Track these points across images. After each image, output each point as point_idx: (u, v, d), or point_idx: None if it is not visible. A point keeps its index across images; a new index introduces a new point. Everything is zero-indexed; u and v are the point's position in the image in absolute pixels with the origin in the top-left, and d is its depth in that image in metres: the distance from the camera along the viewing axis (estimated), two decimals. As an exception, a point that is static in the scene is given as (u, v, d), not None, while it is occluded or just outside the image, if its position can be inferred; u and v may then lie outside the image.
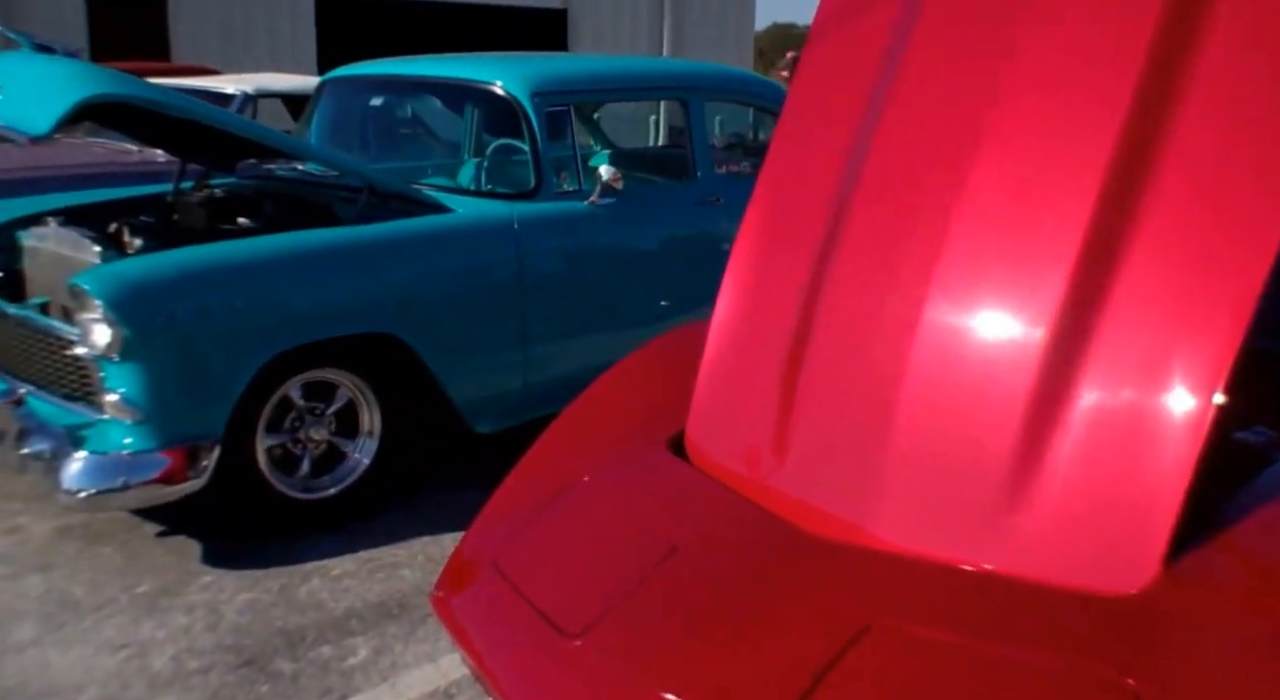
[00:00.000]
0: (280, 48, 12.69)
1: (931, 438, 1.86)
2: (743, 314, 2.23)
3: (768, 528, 1.88)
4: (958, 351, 1.88)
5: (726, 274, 2.30)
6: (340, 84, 4.62)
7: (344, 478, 3.44)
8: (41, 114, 2.99)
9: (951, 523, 1.80)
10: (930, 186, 2.01)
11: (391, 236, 3.46)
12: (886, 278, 1.99)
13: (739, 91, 4.78)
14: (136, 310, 2.89)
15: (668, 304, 4.21)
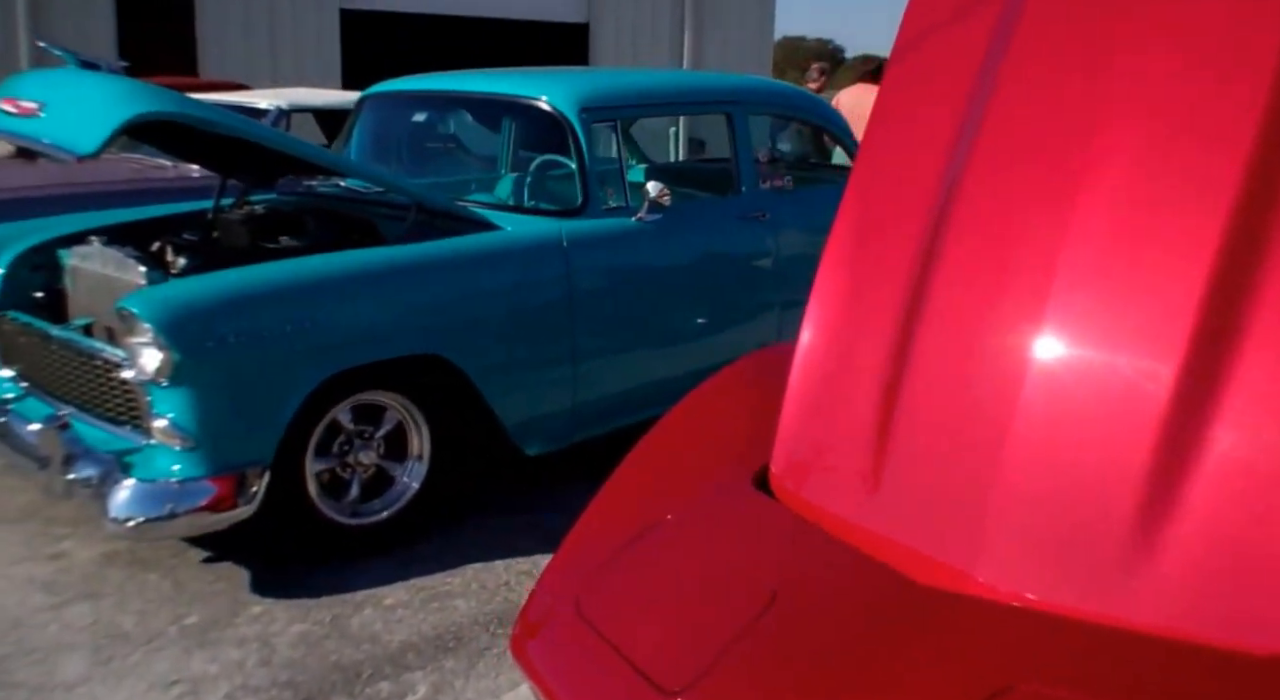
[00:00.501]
0: (305, 62, 12.61)
1: (1046, 479, 1.73)
2: (831, 342, 2.10)
3: (874, 575, 1.74)
4: (1074, 387, 1.74)
5: (812, 299, 2.16)
6: (381, 99, 4.51)
7: (393, 502, 3.32)
8: (88, 133, 2.88)
9: (1075, 572, 1.66)
10: (1035, 210, 1.88)
11: (441, 256, 3.34)
12: (990, 309, 1.86)
13: (781, 105, 4.66)
14: (186, 334, 2.78)
15: (704, 321, 4.08)
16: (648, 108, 4.21)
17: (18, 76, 3.33)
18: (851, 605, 1.71)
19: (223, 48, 12.36)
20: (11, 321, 3.52)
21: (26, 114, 3.07)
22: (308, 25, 12.80)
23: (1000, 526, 1.73)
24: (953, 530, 1.77)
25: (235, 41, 12.37)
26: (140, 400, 2.98)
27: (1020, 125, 1.96)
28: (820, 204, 4.58)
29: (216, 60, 12.37)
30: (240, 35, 12.41)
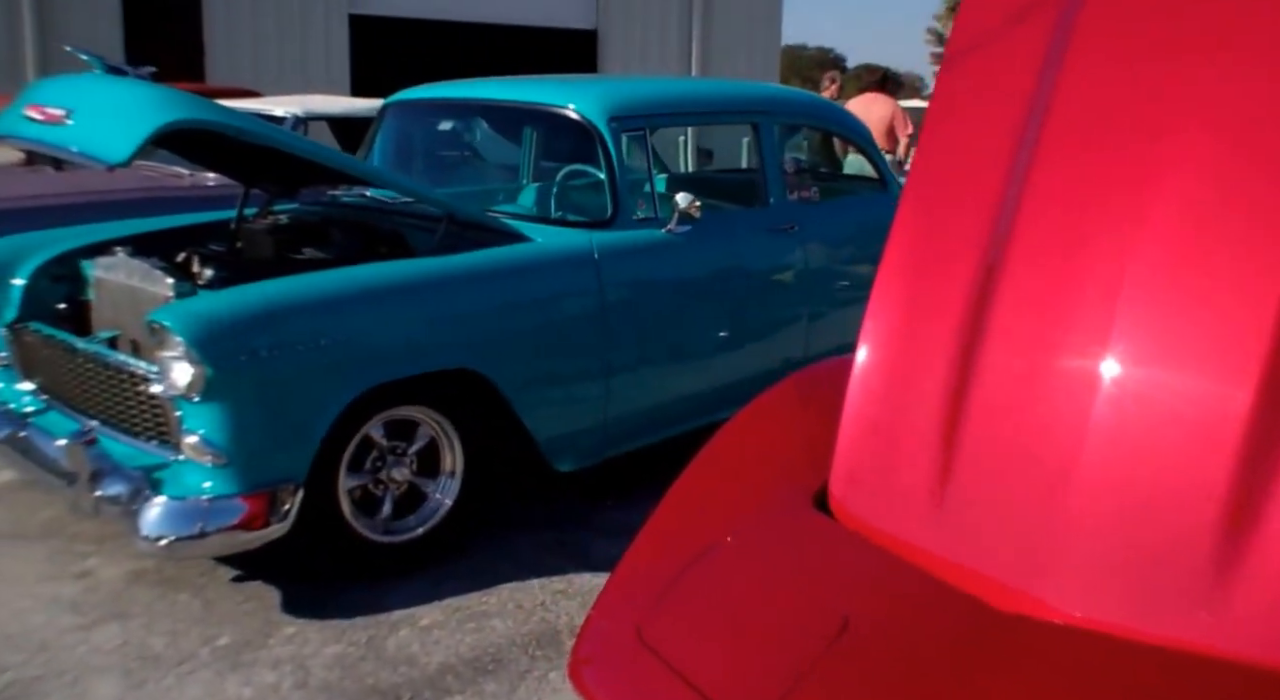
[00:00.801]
0: (314, 68, 12.60)
1: (1121, 501, 1.68)
2: (889, 359, 2.06)
3: (946, 600, 1.70)
4: (1147, 408, 1.70)
5: (869, 313, 2.12)
6: (404, 107, 4.48)
7: (426, 519, 3.28)
8: (119, 141, 2.84)
9: (1154, 596, 1.62)
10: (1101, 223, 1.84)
11: (475, 268, 3.30)
12: (1057, 326, 1.82)
13: (808, 114, 4.63)
14: (219, 348, 2.73)
15: (735, 334, 4.04)
16: (677, 117, 4.18)
17: (42, 82, 3.29)
18: (927, 632, 1.67)
19: (230, 53, 12.35)
20: (33, 333, 3.48)
21: (53, 121, 3.04)
22: (316, 31, 12.79)
23: (1073, 550, 1.69)
24: (1023, 554, 1.73)
25: (243, 47, 12.36)
26: (169, 415, 2.94)
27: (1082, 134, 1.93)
28: (847, 215, 4.57)
29: (224, 66, 12.36)
30: (248, 41, 12.40)
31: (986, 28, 2.13)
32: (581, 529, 3.61)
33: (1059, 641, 1.60)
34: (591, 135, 3.73)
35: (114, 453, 3.02)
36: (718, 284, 3.96)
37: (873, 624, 1.68)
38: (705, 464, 2.22)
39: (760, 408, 2.35)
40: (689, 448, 3.98)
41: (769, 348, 4.20)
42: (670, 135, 9.48)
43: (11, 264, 3.63)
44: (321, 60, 12.81)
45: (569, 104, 3.78)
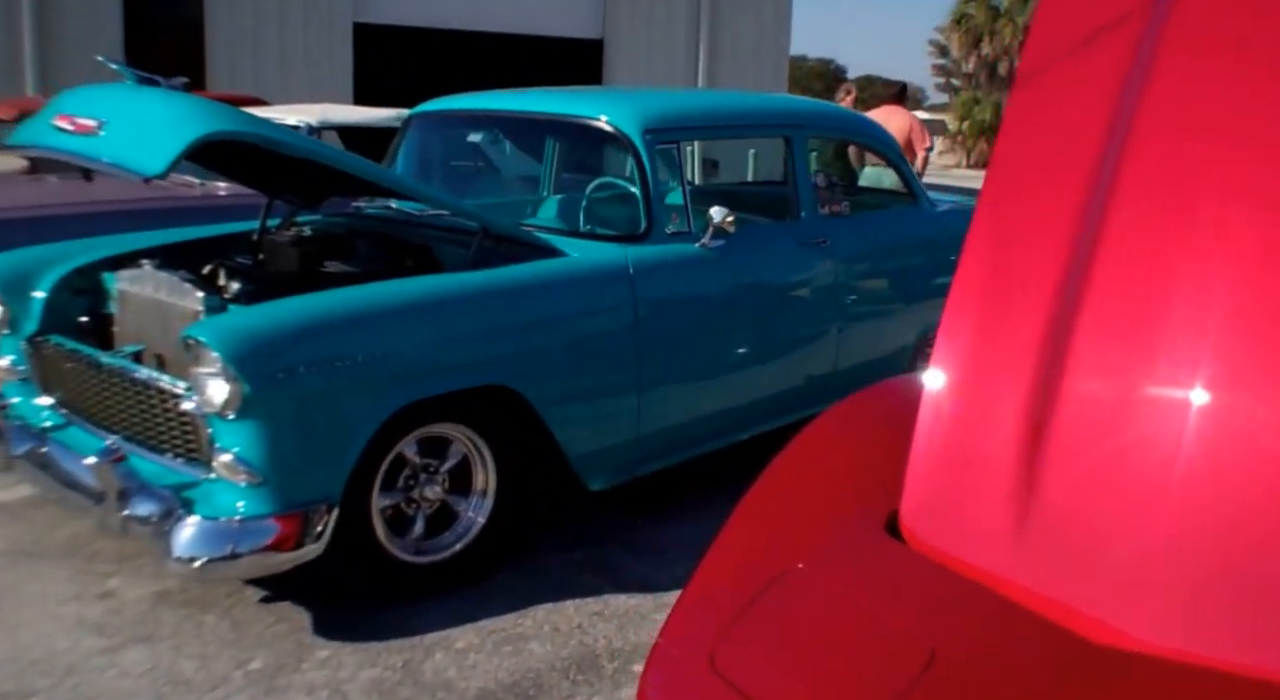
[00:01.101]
0: (318, 76, 12.56)
1: (1218, 533, 1.64)
2: (963, 381, 2.01)
3: (1035, 631, 1.65)
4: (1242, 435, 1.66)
5: (941, 332, 2.07)
6: (429, 118, 4.44)
7: (458, 539, 3.22)
8: (155, 152, 2.79)
9: (1257, 628, 1.58)
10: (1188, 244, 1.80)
11: (513, 283, 3.26)
12: (1145, 351, 1.77)
13: (839, 127, 4.60)
14: (257, 365, 2.68)
15: (767, 349, 4.01)
16: (710, 129, 4.14)
17: (71, 92, 3.24)
18: (1018, 666, 1.62)
19: (232, 61, 12.32)
20: (54, 347, 3.43)
21: (85, 132, 2.99)
22: (319, 39, 12.77)
23: (1169, 580, 1.64)
24: (1115, 585, 1.68)
25: (245, 55, 12.33)
26: (200, 433, 2.89)
27: (1168, 151, 1.89)
28: (878, 230, 4.54)
29: (225, 73, 12.32)
30: (250, 48, 12.37)
31: (1063, 43, 2.09)
32: (613, 548, 3.56)
33: (1156, 675, 1.55)
34: (625, 147, 3.69)
35: (141, 470, 2.96)
36: (750, 299, 3.92)
37: (961, 657, 1.63)
38: (770, 486, 2.18)
39: (824, 428, 2.30)
40: (718, 465, 3.96)
41: (800, 363, 4.16)
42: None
43: (32, 276, 3.58)
44: (325, 69, 12.79)
45: (602, 116, 3.75)
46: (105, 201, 5.73)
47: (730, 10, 14.80)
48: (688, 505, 3.94)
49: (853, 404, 2.38)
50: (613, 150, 3.71)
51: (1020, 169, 2.11)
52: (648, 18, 14.37)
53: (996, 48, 28.70)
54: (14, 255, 3.67)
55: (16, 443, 3.37)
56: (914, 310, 4.67)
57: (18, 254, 3.68)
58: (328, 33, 12.74)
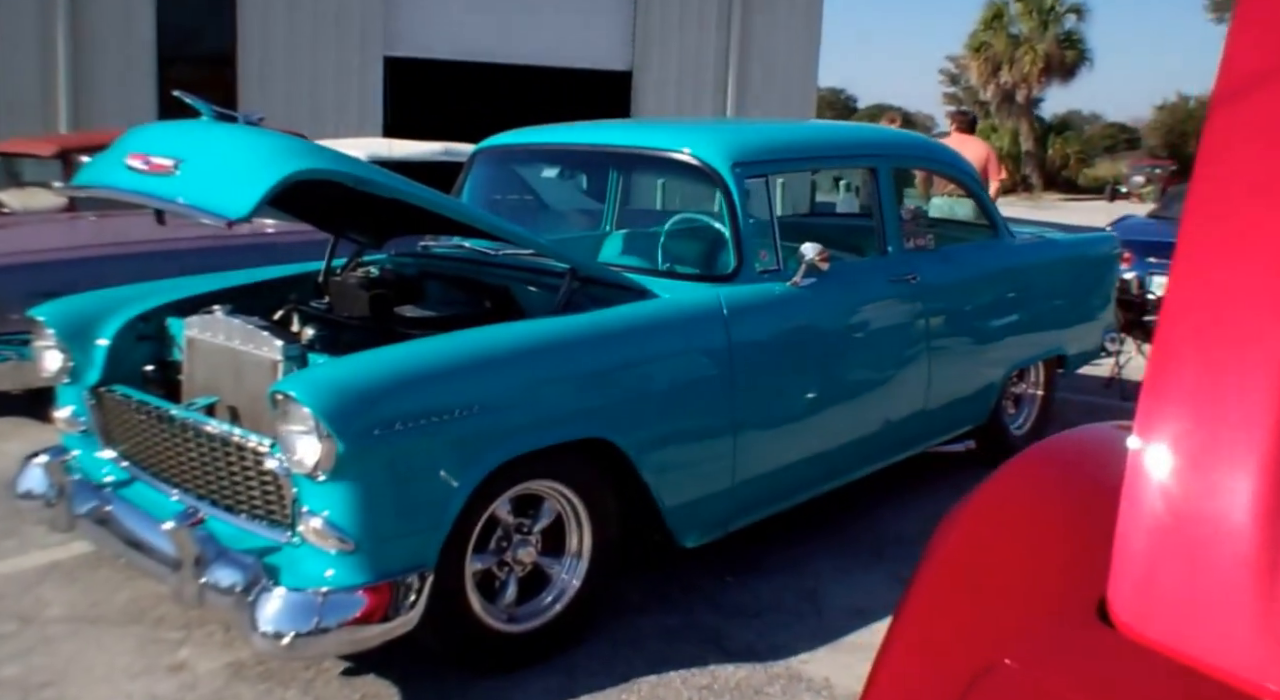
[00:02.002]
0: (349, 109, 12.46)
1: None
2: (1183, 453, 1.76)
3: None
4: None
5: (1146, 396, 1.83)
6: (495, 154, 4.26)
7: (553, 604, 2.99)
8: (238, 194, 2.59)
9: None
10: None
11: (609, 328, 3.04)
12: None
13: (922, 157, 4.39)
14: (352, 422, 2.46)
15: (861, 392, 3.78)
16: (798, 162, 3.94)
17: (144, 129, 3.05)
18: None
19: (264, 93, 12.21)
20: (119, 398, 3.22)
21: (160, 171, 2.79)
22: (351, 72, 12.67)
23: None
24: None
25: (277, 87, 12.23)
26: (284, 494, 2.67)
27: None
28: (964, 264, 4.31)
29: (257, 105, 12.23)
30: (282, 80, 12.28)
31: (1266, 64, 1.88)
32: (708, 610, 3.32)
33: None
34: (713, 182, 3.49)
35: (222, 535, 2.74)
36: (842, 339, 3.70)
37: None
38: (951, 562, 1.93)
39: (1005, 492, 2.05)
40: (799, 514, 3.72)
41: (892, 405, 3.93)
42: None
43: (94, 322, 3.38)
44: (355, 102, 12.68)
45: (686, 148, 3.55)
46: (147, 241, 5.56)
47: (759, 41, 14.69)
48: (776, 560, 3.70)
49: (1032, 464, 2.14)
50: (699, 184, 3.51)
51: (1226, 203, 1.89)
52: (677, 49, 14.27)
53: (1016, 75, 28.58)
54: (74, 301, 3.48)
55: (79, 500, 3.16)
56: (1002, 346, 4.46)
57: (78, 300, 3.49)
58: (358, 66, 12.65)
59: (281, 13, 12.21)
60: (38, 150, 7.20)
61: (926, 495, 4.36)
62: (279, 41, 12.29)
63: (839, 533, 3.95)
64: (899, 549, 3.83)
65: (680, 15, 14.30)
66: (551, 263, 3.37)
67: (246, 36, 12.14)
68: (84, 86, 11.26)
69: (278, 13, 12.20)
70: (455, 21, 13.20)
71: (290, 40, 12.34)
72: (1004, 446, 4.72)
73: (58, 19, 10.98)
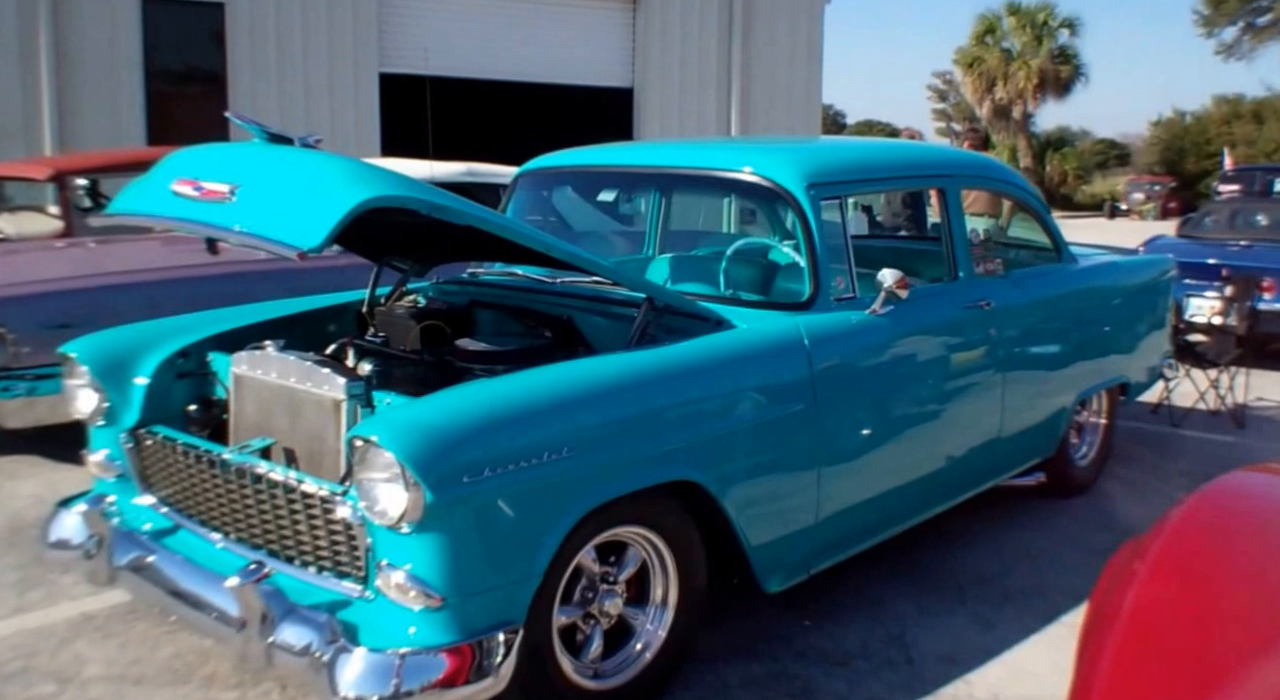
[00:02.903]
0: (344, 129, 12.32)
1: None
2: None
3: None
4: None
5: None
6: (540, 176, 4.13)
7: (639, 657, 2.85)
8: (307, 223, 2.45)
9: None
10: None
11: (694, 361, 2.92)
12: None
13: (987, 176, 4.30)
14: (443, 469, 2.32)
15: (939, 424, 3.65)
16: (870, 183, 3.83)
17: (190, 152, 2.90)
18: None
19: (257, 111, 12.04)
20: (161, 440, 3.06)
21: (214, 198, 2.65)
22: (345, 90, 12.55)
23: None
24: None
25: (269, 106, 12.07)
26: (358, 545, 2.52)
27: None
28: (1034, 289, 4.21)
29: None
30: (274, 99, 12.13)
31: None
32: (791, 658, 3.18)
33: None
34: (787, 204, 3.38)
35: (288, 589, 2.58)
36: (920, 369, 3.59)
37: None
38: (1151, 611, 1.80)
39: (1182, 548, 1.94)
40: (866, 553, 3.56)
41: (969, 435, 3.84)
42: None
43: (131, 359, 3.23)
44: (351, 121, 12.55)
45: (757, 169, 3.43)
46: (157, 269, 5.40)
47: (761, 56, 14.69)
48: (852, 602, 3.56)
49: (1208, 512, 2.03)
50: (770, 207, 3.40)
51: None
52: (679, 66, 14.24)
53: (1011, 91, 28.75)
54: (108, 336, 3.33)
55: (120, 551, 3.00)
56: (1072, 373, 4.37)
57: (112, 335, 3.34)
58: (354, 84, 12.53)
59: (271, 28, 12.08)
60: (31, 173, 7.02)
61: (995, 530, 4.24)
62: (270, 58, 12.15)
63: (912, 571, 3.82)
64: (980, 589, 3.70)
65: (681, 31, 14.28)
66: (616, 291, 3.24)
67: (236, 53, 12.00)
68: (69, 108, 11.08)
69: (267, 28, 12.07)
70: (452, 37, 13.13)
71: (281, 57, 12.21)
72: (1069, 478, 4.62)
73: (40, 38, 10.82)
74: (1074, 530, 4.30)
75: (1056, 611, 3.53)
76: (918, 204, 7.16)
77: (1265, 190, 16.43)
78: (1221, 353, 5.96)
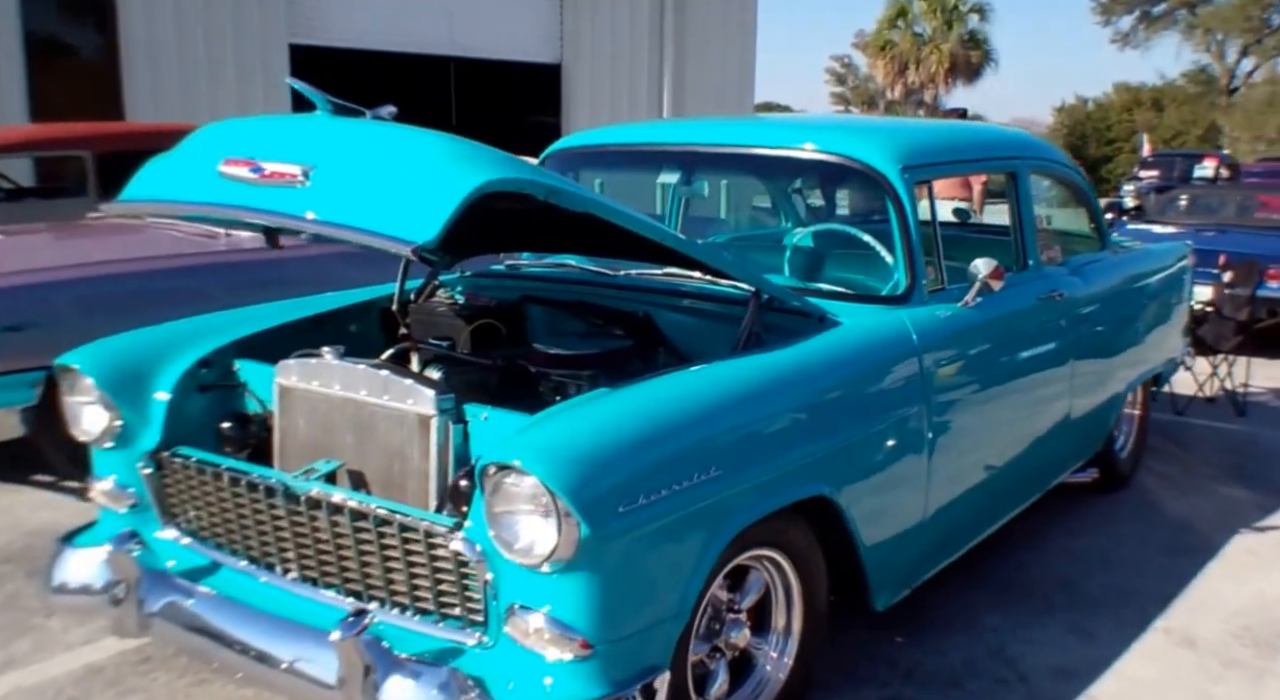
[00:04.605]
0: (251, 105, 11.62)
1: None
2: None
3: None
4: None
5: None
6: (571, 157, 3.85)
7: (764, 690, 2.64)
8: (419, 211, 2.14)
9: None
10: None
11: (815, 364, 2.71)
12: None
13: (1049, 159, 4.17)
14: (601, 499, 2.05)
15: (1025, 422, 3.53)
16: (958, 164, 3.65)
17: (232, 126, 2.53)
18: None
19: (155, 90, 11.31)
20: (196, 465, 2.70)
21: (280, 182, 2.30)
22: (252, 62, 11.87)
23: None
24: None
25: (169, 82, 11.32)
26: (475, 585, 2.24)
27: None
28: (1094, 277, 4.12)
29: (146, 103, 11.29)
30: (175, 75, 11.37)
31: None
32: (901, 682, 3.02)
33: None
34: (879, 188, 3.19)
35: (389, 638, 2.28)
36: (1008, 365, 3.46)
37: None
38: None
39: None
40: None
41: (1046, 427, 3.75)
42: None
43: (146, 371, 2.86)
44: (260, 95, 11.87)
45: (845, 150, 3.23)
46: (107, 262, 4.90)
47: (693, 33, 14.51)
48: (938, 614, 3.41)
49: None
50: (862, 191, 3.20)
51: None
52: (609, 41, 13.96)
53: (923, 75, 29.29)
54: (116, 345, 2.94)
55: (152, 596, 2.64)
56: (1125, 363, 4.35)
57: (119, 343, 2.96)
58: (260, 56, 11.86)
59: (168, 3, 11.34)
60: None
61: (1051, 531, 4.15)
62: (168, 35, 11.38)
63: (988, 578, 3.69)
64: (1066, 595, 3.60)
65: (611, 4, 13.99)
66: (698, 284, 3.01)
67: (130, 31, 11.18)
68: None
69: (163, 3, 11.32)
70: (366, 6, 12.56)
71: (181, 32, 11.47)
72: (1114, 472, 4.57)
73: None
74: (1130, 528, 4.25)
75: (1147, 618, 3.46)
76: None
77: (1184, 176, 17.07)
78: (1220, 339, 6.03)
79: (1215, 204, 8.99)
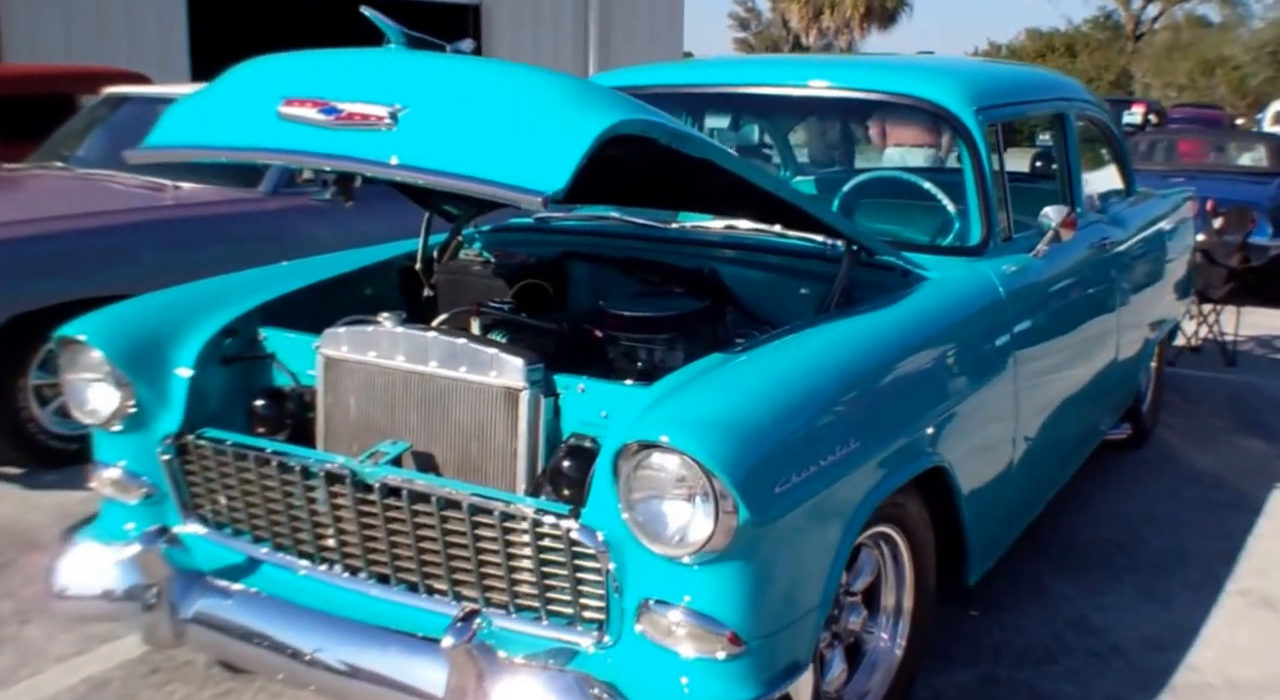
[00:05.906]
0: (144, 45, 10.92)
1: None
2: None
3: None
4: None
5: None
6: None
7: (875, 675, 2.53)
8: (535, 159, 1.92)
9: None
10: None
11: (924, 325, 2.58)
12: None
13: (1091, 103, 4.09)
14: (761, 481, 1.89)
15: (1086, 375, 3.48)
16: (1028, 105, 3.50)
17: (288, 60, 2.24)
18: None
19: (34, 33, 10.56)
20: (232, 449, 2.43)
21: (363, 124, 2.06)
22: (145, 4, 11.17)
23: None
24: None
25: (51, 25, 10.59)
26: (590, 578, 2.06)
27: None
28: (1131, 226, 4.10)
29: (24, 42, 10.54)
30: (59, 17, 10.64)
31: None
32: (995, 660, 2.96)
33: None
34: (954, 131, 3.06)
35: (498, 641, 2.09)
36: (1070, 316, 3.40)
37: None
38: None
39: None
40: None
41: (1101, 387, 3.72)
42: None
43: (163, 343, 2.58)
44: (155, 39, 11.20)
45: (918, 91, 3.10)
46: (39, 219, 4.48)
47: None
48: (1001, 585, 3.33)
49: None
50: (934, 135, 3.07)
51: None
52: (531, -20, 13.55)
53: (839, 20, 29.39)
54: (125, 313, 2.66)
55: (186, 599, 2.39)
56: (1156, 313, 4.39)
57: (128, 310, 2.68)
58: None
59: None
60: None
61: (1090, 491, 4.13)
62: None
63: (1044, 545, 3.64)
64: (1127, 560, 3.59)
65: (534, -60, 13.58)
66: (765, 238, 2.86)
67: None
68: None
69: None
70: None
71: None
72: (1140, 427, 4.60)
73: None
74: (1163, 486, 4.28)
75: (1216, 580, 3.46)
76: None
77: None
78: (1211, 286, 6.12)
79: (1174, 150, 9.17)
